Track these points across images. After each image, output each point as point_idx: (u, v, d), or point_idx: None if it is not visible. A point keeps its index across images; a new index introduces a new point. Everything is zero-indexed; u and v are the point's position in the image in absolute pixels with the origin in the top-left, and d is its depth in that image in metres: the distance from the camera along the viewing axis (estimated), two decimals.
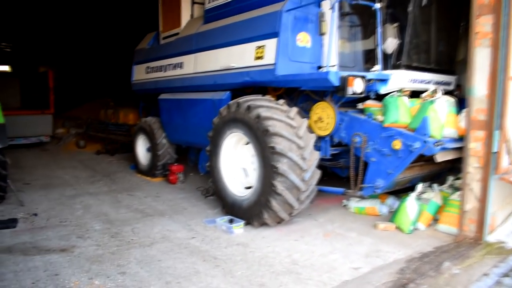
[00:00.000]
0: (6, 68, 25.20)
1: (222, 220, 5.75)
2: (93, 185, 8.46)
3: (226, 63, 6.63)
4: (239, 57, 6.44)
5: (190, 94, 7.68)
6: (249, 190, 5.76)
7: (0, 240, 5.37)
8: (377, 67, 5.67)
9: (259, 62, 6.06)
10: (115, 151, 12.19)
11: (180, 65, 7.91)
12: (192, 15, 8.23)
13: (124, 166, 10.42)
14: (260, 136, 5.38)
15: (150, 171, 8.93)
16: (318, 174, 5.55)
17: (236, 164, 6.24)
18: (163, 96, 8.54)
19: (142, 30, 10.15)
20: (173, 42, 8.27)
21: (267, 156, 5.28)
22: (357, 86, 5.16)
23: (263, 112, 5.41)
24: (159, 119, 8.79)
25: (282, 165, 5.13)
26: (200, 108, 7.31)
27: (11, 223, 5.89)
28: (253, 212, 5.55)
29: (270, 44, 5.89)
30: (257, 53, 6.12)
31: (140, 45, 9.69)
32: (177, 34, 8.22)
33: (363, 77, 5.27)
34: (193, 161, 8.77)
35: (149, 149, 9.06)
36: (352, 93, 5.12)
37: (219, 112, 6.16)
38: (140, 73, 9.49)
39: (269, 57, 5.90)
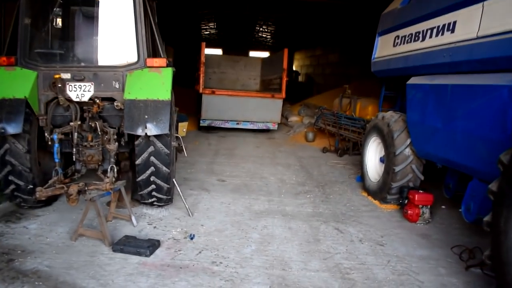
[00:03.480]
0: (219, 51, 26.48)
1: None
2: (296, 199, 6.02)
3: None
4: None
5: (464, 77, 4.30)
6: None
7: (111, 278, 3.41)
8: None
9: None
10: (344, 151, 9.58)
11: (449, 27, 4.57)
12: None
13: (348, 175, 7.68)
14: None
15: (379, 193, 5.92)
16: None
17: None
18: (414, 80, 5.36)
19: None
20: None
21: None
22: None
23: None
24: (405, 116, 5.67)
25: None
26: (482, 103, 3.89)
27: (146, 248, 3.92)
28: None
29: None
30: None
31: (389, 7, 6.65)
32: None
33: None
34: (450, 192, 5.30)
35: (383, 160, 6.05)
36: None
37: None
38: (385, 47, 6.49)
39: None
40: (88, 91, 4.72)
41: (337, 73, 20.79)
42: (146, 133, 4.42)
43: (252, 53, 27.34)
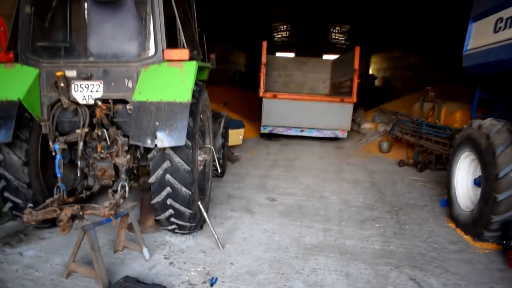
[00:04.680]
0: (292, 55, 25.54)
1: None
2: (361, 229, 4.74)
3: None
4: None
5: None
6: None
7: None
8: None
9: None
10: (425, 165, 8.03)
11: None
12: None
13: (430, 197, 6.19)
14: None
15: (473, 226, 4.47)
16: None
17: None
18: None
19: None
20: None
21: None
22: None
23: None
24: (511, 125, 4.20)
25: None
26: None
27: None
28: None
29: None
30: None
31: None
32: None
33: None
34: None
35: (478, 183, 4.60)
36: None
37: None
38: (482, 35, 5.02)
39: None
40: (96, 91, 3.87)
41: (417, 76, 18.83)
42: (156, 145, 3.45)
43: (326, 57, 25.98)
